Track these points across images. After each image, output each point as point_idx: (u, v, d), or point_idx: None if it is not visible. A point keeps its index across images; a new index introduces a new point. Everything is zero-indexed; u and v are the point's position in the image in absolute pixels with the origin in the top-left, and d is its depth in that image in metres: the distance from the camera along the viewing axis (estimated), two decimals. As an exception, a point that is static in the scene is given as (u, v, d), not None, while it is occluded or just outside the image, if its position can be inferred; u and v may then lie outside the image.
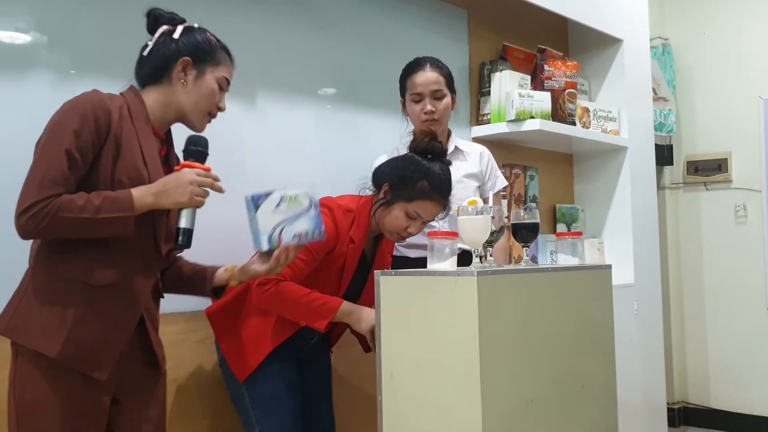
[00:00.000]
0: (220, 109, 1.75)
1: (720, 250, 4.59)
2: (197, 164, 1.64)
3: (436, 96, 2.48)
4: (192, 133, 1.72)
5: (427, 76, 2.48)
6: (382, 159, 2.52)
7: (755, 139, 4.46)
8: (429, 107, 2.46)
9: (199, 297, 1.89)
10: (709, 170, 4.64)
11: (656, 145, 4.18)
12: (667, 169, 4.78)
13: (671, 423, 4.24)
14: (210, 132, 1.75)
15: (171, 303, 1.98)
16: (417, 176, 2.04)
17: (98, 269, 1.55)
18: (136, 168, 1.58)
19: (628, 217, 3.78)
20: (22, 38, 1.92)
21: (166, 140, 1.75)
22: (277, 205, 1.73)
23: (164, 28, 1.70)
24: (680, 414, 4.67)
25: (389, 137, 2.74)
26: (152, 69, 1.68)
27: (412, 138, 2.18)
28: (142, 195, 1.54)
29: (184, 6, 2.24)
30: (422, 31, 3.06)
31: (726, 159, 4.57)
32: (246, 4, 2.44)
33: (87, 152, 1.52)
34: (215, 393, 2.27)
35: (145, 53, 1.69)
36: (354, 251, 2.09)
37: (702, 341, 4.64)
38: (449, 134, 2.62)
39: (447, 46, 3.16)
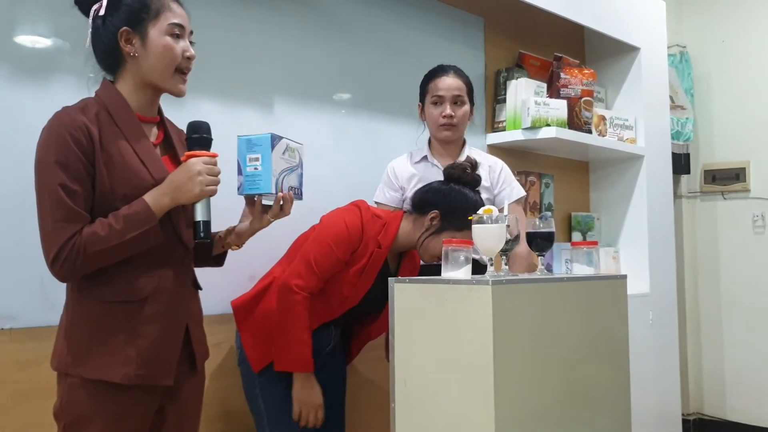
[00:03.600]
0: (188, 58, 1.59)
1: (737, 260, 4.55)
2: (202, 152, 1.56)
3: (456, 102, 2.49)
4: (192, 119, 1.62)
5: (450, 81, 2.50)
6: (399, 162, 2.55)
7: (774, 149, 4.43)
8: (449, 111, 2.47)
9: (201, 267, 1.81)
10: (727, 179, 4.61)
11: (673, 153, 4.16)
12: (684, 177, 4.75)
13: (686, 434, 4.22)
14: (227, 138, 1.75)
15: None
16: (467, 208, 2.09)
17: (135, 284, 1.52)
18: (136, 174, 1.52)
19: (644, 225, 3.76)
20: (43, 42, 1.95)
21: (161, 121, 1.66)
22: (284, 152, 1.69)
23: (94, 8, 1.55)
24: (695, 425, 4.63)
25: (404, 142, 2.76)
26: (104, 56, 1.57)
27: (450, 168, 2.24)
28: (157, 199, 1.50)
29: (199, 14, 2.26)
30: (438, 38, 3.07)
31: (744, 168, 4.54)
32: (262, 11, 2.45)
33: (82, 178, 1.46)
34: (230, 396, 2.28)
35: (87, 45, 1.57)
36: (378, 255, 2.14)
37: (718, 352, 4.60)
38: (464, 143, 2.62)
39: (463, 53, 3.16)
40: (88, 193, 1.47)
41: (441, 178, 2.49)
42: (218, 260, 1.83)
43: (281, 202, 1.71)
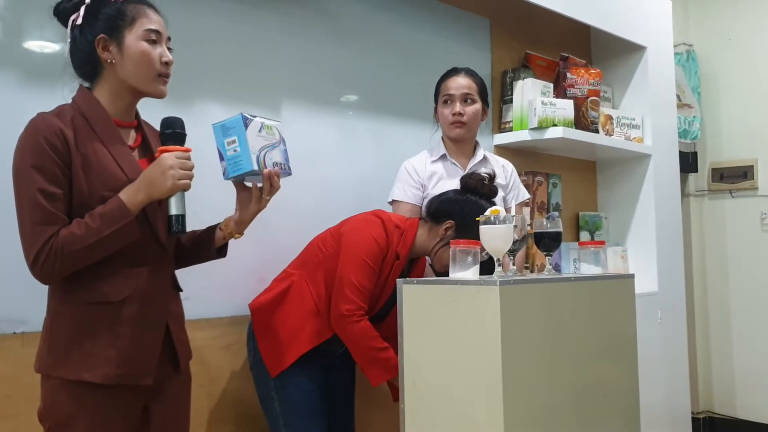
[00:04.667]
0: (166, 63, 1.61)
1: (745, 258, 4.54)
2: (174, 147, 1.58)
3: (466, 100, 2.52)
4: (165, 116, 1.63)
5: (460, 81, 2.54)
6: (417, 160, 2.57)
7: (782, 146, 4.42)
8: (458, 108, 2.51)
9: (205, 262, 1.84)
10: (735, 177, 4.60)
11: (680, 152, 4.15)
12: (691, 176, 4.74)
13: (696, 433, 4.21)
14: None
15: (195, 309, 2.00)
16: None
17: (113, 285, 1.54)
18: (113, 176, 1.53)
19: (652, 224, 3.75)
20: (51, 47, 1.96)
21: (139, 125, 1.68)
22: (259, 130, 1.71)
23: (72, 18, 1.58)
24: (705, 424, 4.62)
25: (413, 143, 2.76)
26: (81, 64, 1.60)
27: (468, 177, 2.25)
28: (132, 195, 1.51)
29: (204, 19, 2.28)
30: (445, 39, 3.07)
31: (752, 166, 4.53)
32: (268, 15, 2.46)
33: (59, 181, 1.48)
34: (239, 398, 2.29)
35: (65, 55, 1.60)
36: (398, 267, 2.15)
37: (727, 350, 4.59)
38: (476, 144, 2.64)
39: (469, 54, 3.17)
40: (65, 195, 1.49)
41: (461, 175, 2.51)
42: (221, 252, 1.84)
43: (270, 179, 1.71)
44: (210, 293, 2.04)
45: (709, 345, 4.67)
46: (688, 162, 4.55)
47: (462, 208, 2.17)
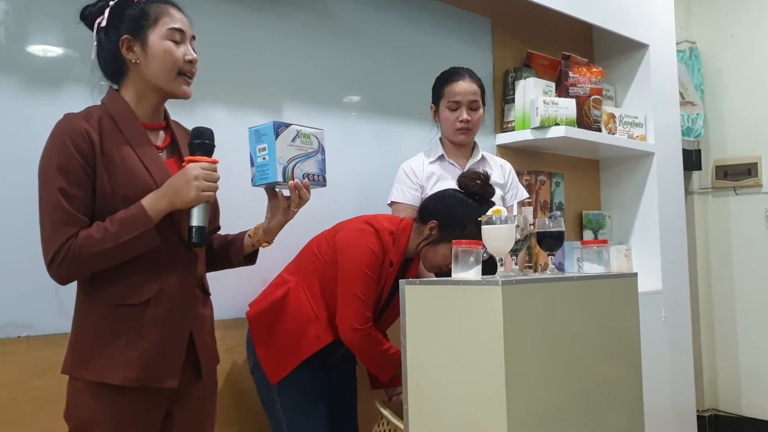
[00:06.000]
0: (190, 62, 1.62)
1: (750, 256, 4.52)
2: (201, 158, 1.58)
3: (473, 107, 2.53)
4: (202, 125, 1.64)
5: (466, 86, 2.53)
6: (415, 161, 2.58)
7: (786, 143, 4.40)
8: (466, 116, 2.51)
9: (234, 267, 1.85)
10: (739, 175, 4.58)
11: (684, 150, 4.14)
12: (695, 174, 4.73)
13: (701, 431, 4.19)
14: (237, 145, 1.77)
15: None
16: (467, 220, 2.06)
17: (138, 287, 1.54)
18: (138, 178, 1.54)
19: (656, 223, 3.75)
20: (54, 51, 1.97)
21: (167, 126, 1.69)
22: (293, 139, 1.69)
23: (97, 21, 1.60)
24: (711, 422, 4.61)
25: (415, 143, 2.77)
26: (107, 65, 1.61)
27: (462, 175, 2.23)
28: (154, 203, 1.51)
29: (205, 21, 2.28)
30: (446, 39, 3.08)
31: (756, 163, 4.52)
32: (271, 18, 2.47)
33: (83, 183, 1.49)
34: (244, 400, 2.30)
35: (92, 57, 1.62)
36: (392, 274, 2.15)
37: (732, 348, 4.58)
38: (475, 144, 2.65)
39: (471, 54, 3.17)
40: (88, 197, 1.50)
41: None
42: (250, 259, 1.85)
43: (297, 191, 1.71)
44: (213, 295, 2.02)
45: (713, 343, 4.66)
46: (692, 160, 4.54)
47: (445, 207, 2.16)
